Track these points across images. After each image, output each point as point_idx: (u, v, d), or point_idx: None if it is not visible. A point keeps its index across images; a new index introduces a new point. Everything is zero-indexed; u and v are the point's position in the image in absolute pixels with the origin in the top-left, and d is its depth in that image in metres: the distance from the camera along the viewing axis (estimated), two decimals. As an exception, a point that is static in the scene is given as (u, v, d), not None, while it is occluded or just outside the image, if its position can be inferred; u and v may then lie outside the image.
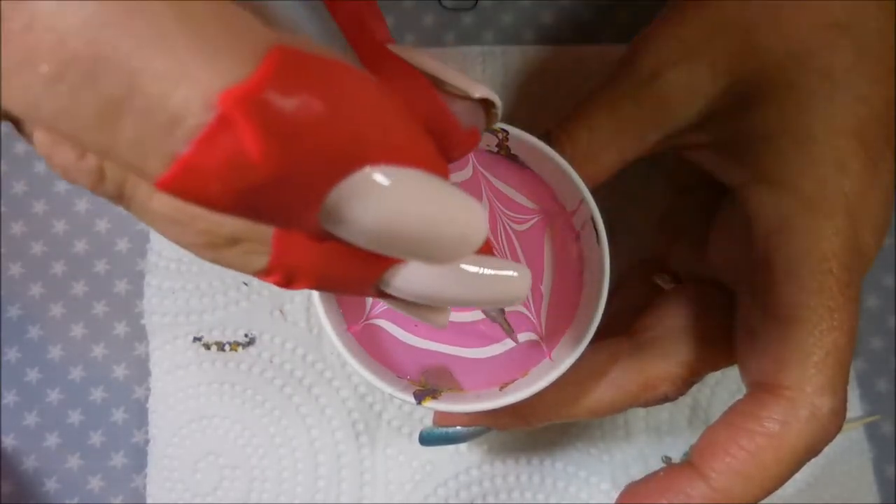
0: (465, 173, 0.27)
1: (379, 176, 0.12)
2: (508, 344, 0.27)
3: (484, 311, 0.25)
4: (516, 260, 0.27)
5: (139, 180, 0.15)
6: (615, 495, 0.26)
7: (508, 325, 0.26)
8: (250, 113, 0.10)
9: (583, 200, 0.25)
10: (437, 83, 0.16)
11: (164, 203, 0.15)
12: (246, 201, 0.11)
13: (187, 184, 0.11)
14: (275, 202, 0.11)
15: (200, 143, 0.10)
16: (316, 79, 0.11)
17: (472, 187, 0.27)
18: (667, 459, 0.36)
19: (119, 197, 0.15)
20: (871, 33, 0.24)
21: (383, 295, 0.16)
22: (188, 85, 0.10)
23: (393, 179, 0.12)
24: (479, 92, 0.17)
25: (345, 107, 0.11)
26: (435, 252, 0.13)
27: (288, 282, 0.15)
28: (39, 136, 0.15)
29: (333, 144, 0.11)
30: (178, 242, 0.15)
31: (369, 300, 0.27)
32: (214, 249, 0.15)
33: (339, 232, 0.12)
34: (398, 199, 0.12)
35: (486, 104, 0.17)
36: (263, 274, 0.15)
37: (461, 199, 0.13)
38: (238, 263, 0.15)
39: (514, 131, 0.25)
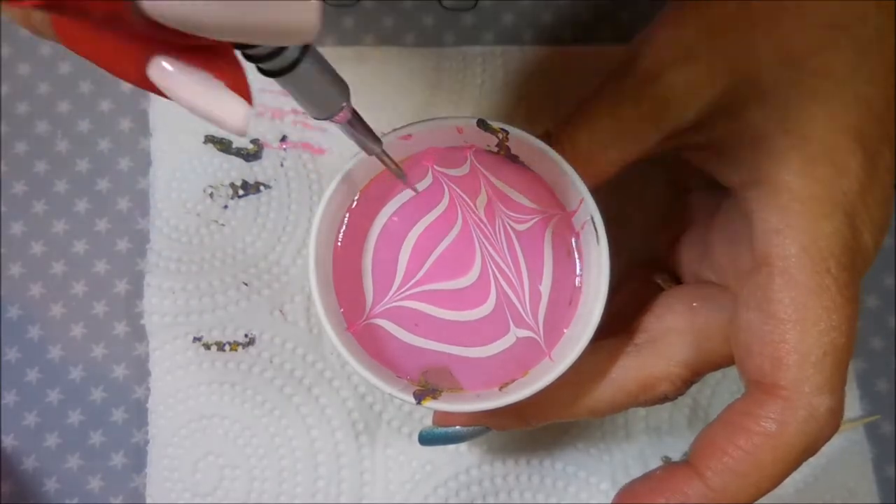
0: (463, 169, 0.27)
1: None
2: (508, 343, 0.27)
3: (355, 139, 0.23)
4: (516, 260, 0.27)
5: None
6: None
7: (397, 166, 0.25)
8: None
9: (583, 200, 0.25)
10: None
11: None
12: None
13: None
14: None
15: None
16: None
17: (470, 184, 0.27)
18: (666, 459, 0.36)
19: None
20: (870, 33, 0.24)
21: (151, 29, 0.14)
22: None
23: None
24: None
25: None
26: None
27: None
28: None
29: None
30: None
31: (368, 300, 0.27)
32: None
33: None
34: None
35: None
36: None
37: None
38: None
39: (514, 131, 0.25)
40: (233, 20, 0.14)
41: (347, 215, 0.27)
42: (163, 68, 0.16)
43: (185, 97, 0.16)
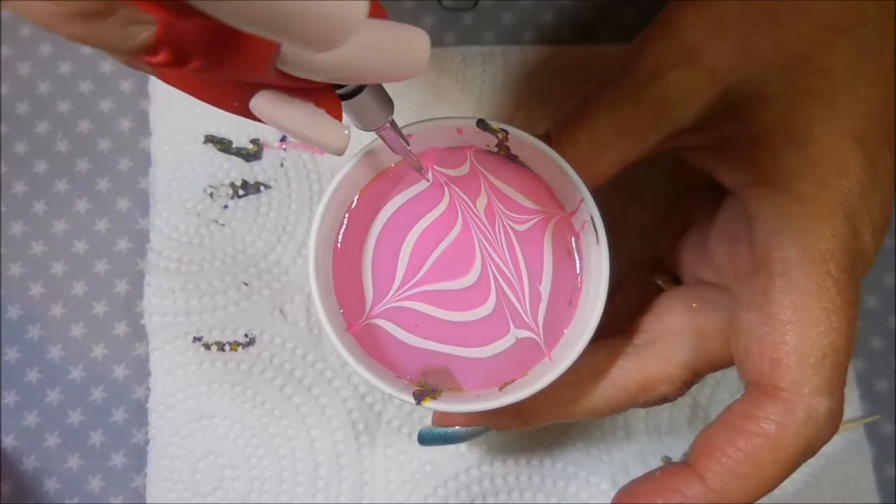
0: (463, 170, 0.27)
1: None
2: (508, 343, 0.27)
3: (390, 144, 0.23)
4: (515, 261, 0.27)
5: None
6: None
7: (414, 157, 0.25)
8: None
9: (583, 200, 0.25)
10: None
11: None
12: None
13: None
14: None
15: None
16: None
17: (470, 184, 0.27)
18: (666, 459, 0.36)
19: None
20: (870, 34, 0.24)
21: (283, 80, 0.15)
22: None
23: None
24: None
25: None
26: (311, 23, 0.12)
27: (180, 59, 0.13)
28: None
29: None
30: (40, 16, 0.13)
31: (368, 301, 0.27)
32: (88, 21, 0.13)
33: None
34: None
35: None
36: (150, 51, 0.13)
37: None
38: (117, 38, 0.13)
39: (514, 131, 0.25)
40: (371, 70, 0.15)
41: (347, 216, 0.27)
42: (267, 102, 0.17)
43: (288, 126, 0.17)
